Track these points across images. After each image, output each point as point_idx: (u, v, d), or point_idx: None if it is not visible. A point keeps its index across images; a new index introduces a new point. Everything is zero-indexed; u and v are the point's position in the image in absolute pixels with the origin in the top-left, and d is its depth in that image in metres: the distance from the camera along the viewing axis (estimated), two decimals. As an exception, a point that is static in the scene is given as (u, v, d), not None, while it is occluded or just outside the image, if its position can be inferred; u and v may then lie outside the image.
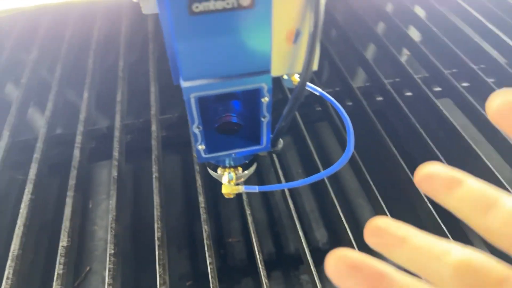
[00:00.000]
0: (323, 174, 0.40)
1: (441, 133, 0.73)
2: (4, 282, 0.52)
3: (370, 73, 0.87)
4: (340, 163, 0.38)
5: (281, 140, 0.41)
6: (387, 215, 0.59)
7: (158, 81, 0.82)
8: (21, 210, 0.60)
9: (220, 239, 0.67)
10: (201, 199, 0.61)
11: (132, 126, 0.78)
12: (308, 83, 0.37)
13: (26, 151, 0.72)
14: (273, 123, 0.38)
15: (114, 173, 0.65)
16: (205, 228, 0.57)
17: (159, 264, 0.53)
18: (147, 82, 0.82)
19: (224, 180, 0.41)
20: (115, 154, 0.68)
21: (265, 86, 0.33)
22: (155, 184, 0.63)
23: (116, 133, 0.72)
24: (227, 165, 0.42)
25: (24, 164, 0.68)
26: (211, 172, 0.44)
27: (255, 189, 0.41)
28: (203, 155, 0.38)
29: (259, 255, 0.54)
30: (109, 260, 0.54)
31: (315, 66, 0.34)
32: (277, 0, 0.29)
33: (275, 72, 0.34)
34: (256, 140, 0.38)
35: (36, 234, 0.61)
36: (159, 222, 0.59)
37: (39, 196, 0.64)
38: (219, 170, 0.42)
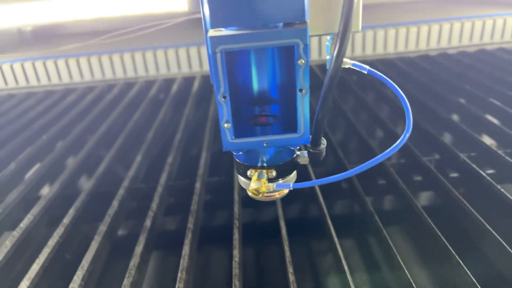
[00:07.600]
0: (379, 158, 0.32)
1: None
2: None
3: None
4: (400, 144, 0.31)
5: (323, 139, 0.35)
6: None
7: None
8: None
9: None
10: (235, 253, 0.52)
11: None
12: (355, 62, 0.33)
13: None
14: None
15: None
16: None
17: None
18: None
19: (254, 178, 0.34)
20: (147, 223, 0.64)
21: (301, 43, 0.29)
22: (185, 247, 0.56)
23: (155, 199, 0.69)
24: (259, 164, 0.35)
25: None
26: (239, 178, 0.37)
27: (289, 186, 0.33)
28: (230, 139, 0.32)
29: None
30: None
31: (357, 27, 0.30)
32: None
33: (311, 30, 0.30)
34: (292, 126, 0.32)
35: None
36: (183, 272, 0.50)
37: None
38: (249, 172, 0.35)
